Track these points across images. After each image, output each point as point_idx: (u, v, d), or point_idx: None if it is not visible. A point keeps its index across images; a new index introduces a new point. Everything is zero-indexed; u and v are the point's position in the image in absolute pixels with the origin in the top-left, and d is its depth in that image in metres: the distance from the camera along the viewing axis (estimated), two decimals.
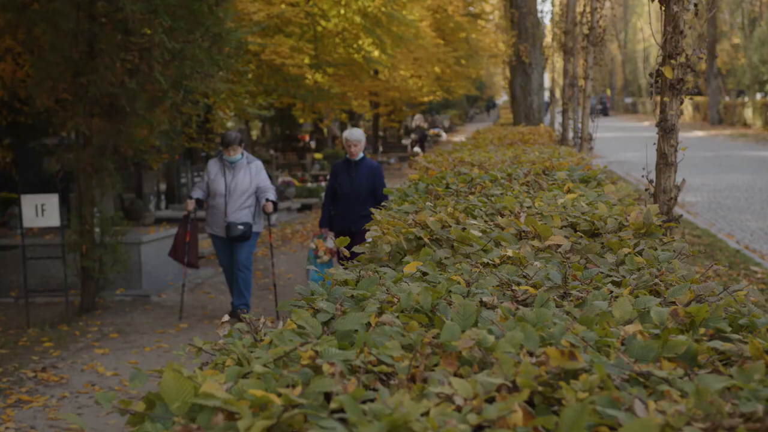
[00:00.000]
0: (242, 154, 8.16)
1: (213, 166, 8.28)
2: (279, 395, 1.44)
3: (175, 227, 10.89)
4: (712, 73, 44.91)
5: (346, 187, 7.80)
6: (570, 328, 1.81)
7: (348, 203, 7.75)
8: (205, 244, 12.72)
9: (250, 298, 8.30)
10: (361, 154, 7.90)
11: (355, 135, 7.91)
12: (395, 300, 2.15)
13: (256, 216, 8.20)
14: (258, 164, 8.26)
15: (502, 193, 4.12)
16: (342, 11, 16.63)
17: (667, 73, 4.20)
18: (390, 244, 2.94)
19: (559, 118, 20.06)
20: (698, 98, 48.32)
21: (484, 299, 2.12)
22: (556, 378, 1.54)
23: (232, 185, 8.05)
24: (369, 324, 1.94)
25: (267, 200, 8.02)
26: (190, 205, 8.27)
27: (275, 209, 8.23)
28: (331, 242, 7.69)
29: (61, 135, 13.27)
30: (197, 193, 8.35)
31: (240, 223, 8.00)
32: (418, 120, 37.65)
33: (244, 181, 8.05)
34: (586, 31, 12.35)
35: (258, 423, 1.35)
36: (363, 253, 3.10)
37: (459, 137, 31.74)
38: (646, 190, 4.64)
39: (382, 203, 6.34)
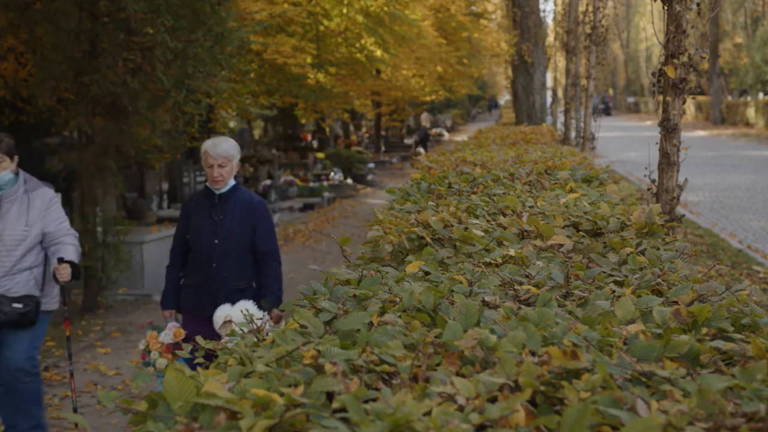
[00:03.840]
0: (17, 175, 4.82)
1: None
2: (281, 395, 1.44)
3: (175, 226, 10.89)
4: (714, 72, 44.84)
5: (207, 238, 4.69)
6: (572, 327, 1.81)
7: (208, 266, 4.68)
8: None
9: (43, 415, 4.91)
10: (233, 182, 4.76)
11: (222, 148, 4.64)
12: (397, 299, 2.15)
13: (45, 285, 4.81)
14: (46, 194, 4.84)
15: (504, 193, 4.12)
16: (344, 10, 16.63)
17: (670, 72, 4.19)
18: (392, 243, 2.94)
19: (561, 118, 20.05)
20: (700, 98, 48.26)
21: (487, 299, 2.12)
22: (558, 378, 1.54)
23: None
24: (371, 323, 1.94)
25: (60, 261, 4.59)
26: None
27: (75, 275, 4.67)
28: (169, 334, 4.48)
29: (64, 134, 13.28)
30: None
31: (13, 298, 4.61)
32: (425, 119, 37.60)
33: (17, 225, 4.67)
34: (588, 31, 12.34)
35: (260, 422, 1.35)
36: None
37: (461, 137, 31.73)
38: (649, 189, 4.63)
39: (269, 269, 4.80)
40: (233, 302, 4.30)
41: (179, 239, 4.90)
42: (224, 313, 4.16)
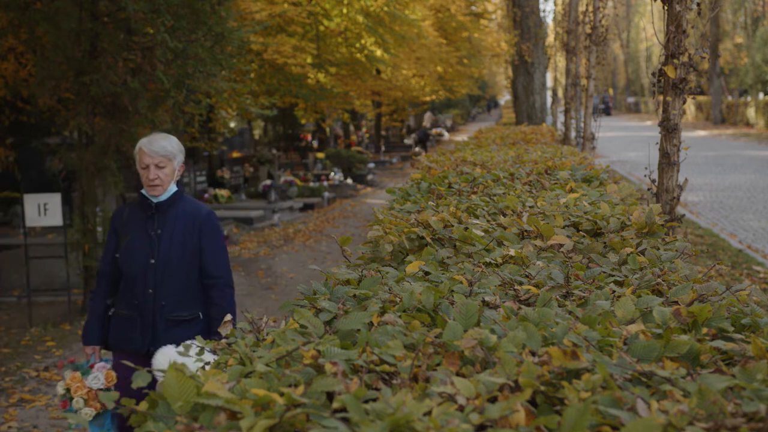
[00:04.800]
0: None
1: None
2: (281, 395, 1.44)
3: None
4: (714, 72, 44.85)
5: (141, 257, 3.91)
6: (572, 327, 1.81)
7: (143, 292, 3.90)
8: None
9: None
10: (174, 188, 3.98)
11: (160, 144, 3.89)
12: (397, 299, 2.14)
13: None
14: None
15: (504, 193, 4.12)
16: (344, 10, 16.63)
17: (670, 72, 4.19)
18: (392, 243, 2.94)
19: (561, 118, 20.05)
20: (701, 98, 48.29)
21: (487, 299, 2.12)
22: (558, 378, 1.54)
23: None
24: (371, 323, 1.94)
25: None
26: None
27: None
28: (99, 378, 3.75)
29: (64, 134, 13.30)
30: None
31: None
32: (427, 119, 37.59)
33: None
34: (588, 31, 12.34)
35: (260, 422, 1.35)
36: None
37: (461, 137, 31.75)
38: (649, 189, 4.63)
39: (219, 297, 3.94)
40: (176, 338, 3.63)
41: (107, 260, 4.02)
42: (167, 357, 3.35)
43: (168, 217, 3.92)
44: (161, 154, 3.85)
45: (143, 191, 3.95)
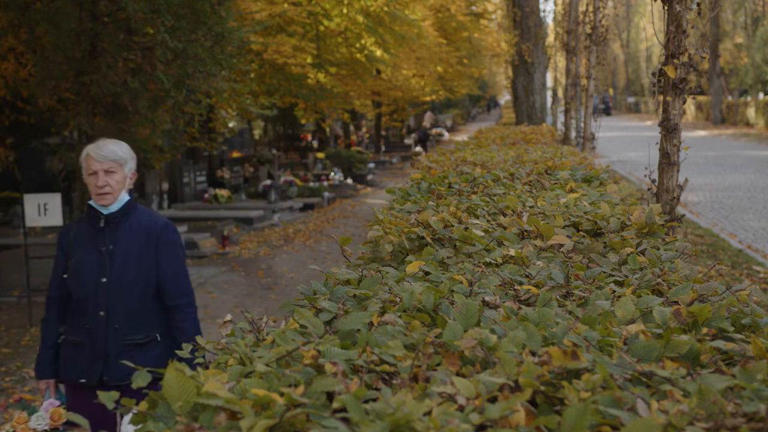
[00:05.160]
0: None
1: None
2: (281, 395, 1.44)
3: (177, 226, 10.89)
4: (714, 72, 44.86)
5: (91, 276, 3.56)
6: (572, 327, 1.81)
7: (94, 315, 3.54)
8: (207, 243, 12.74)
9: None
10: (126, 198, 3.62)
11: (109, 149, 3.55)
12: (397, 299, 2.14)
13: None
14: None
15: (504, 193, 4.12)
16: (344, 10, 16.64)
17: (670, 72, 4.19)
18: (392, 243, 2.94)
19: (561, 118, 20.05)
20: (701, 98, 48.29)
21: (487, 299, 2.11)
22: (558, 378, 1.54)
23: None
24: (371, 323, 1.94)
25: None
26: None
27: None
28: (44, 418, 3.39)
29: (64, 134, 13.30)
30: None
31: None
32: (427, 119, 37.60)
33: None
34: (588, 31, 12.33)
35: (260, 422, 1.35)
36: None
37: (461, 136, 31.75)
38: (649, 189, 4.63)
39: (180, 318, 3.59)
40: (133, 361, 3.32)
41: (56, 284, 3.66)
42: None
43: (120, 231, 3.56)
44: (111, 159, 3.51)
45: (91, 202, 3.57)
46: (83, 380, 3.51)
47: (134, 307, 3.54)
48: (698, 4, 4.37)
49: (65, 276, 3.61)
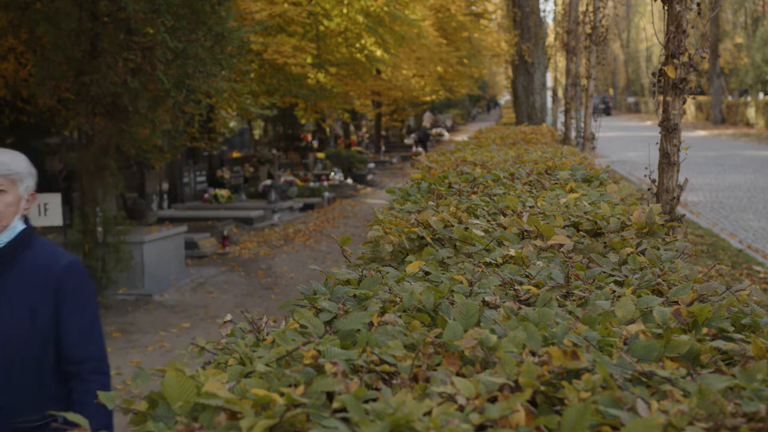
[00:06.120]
0: None
1: None
2: (281, 395, 1.44)
3: (177, 226, 10.91)
4: (714, 72, 44.86)
5: None
6: (572, 327, 1.81)
7: None
8: (207, 243, 12.75)
9: None
10: (20, 227, 2.70)
11: (0, 161, 2.69)
12: (397, 299, 2.14)
13: None
14: None
15: (504, 193, 4.11)
16: (344, 10, 16.63)
17: (670, 72, 4.19)
18: (392, 243, 2.94)
19: (561, 118, 20.05)
20: (701, 98, 48.30)
21: (487, 299, 2.11)
22: (558, 378, 1.54)
23: None
24: (371, 323, 1.94)
25: None
26: None
27: None
28: None
29: (64, 134, 13.29)
30: None
31: None
32: (427, 119, 37.58)
33: None
34: (588, 31, 12.33)
35: (260, 422, 1.35)
36: None
37: (461, 136, 31.74)
38: (649, 189, 4.63)
39: (86, 390, 2.61)
40: None
41: None
42: None
43: (10, 273, 2.63)
44: (1, 173, 2.63)
45: None
46: None
47: (27, 378, 2.63)
48: (698, 4, 4.37)
49: None
